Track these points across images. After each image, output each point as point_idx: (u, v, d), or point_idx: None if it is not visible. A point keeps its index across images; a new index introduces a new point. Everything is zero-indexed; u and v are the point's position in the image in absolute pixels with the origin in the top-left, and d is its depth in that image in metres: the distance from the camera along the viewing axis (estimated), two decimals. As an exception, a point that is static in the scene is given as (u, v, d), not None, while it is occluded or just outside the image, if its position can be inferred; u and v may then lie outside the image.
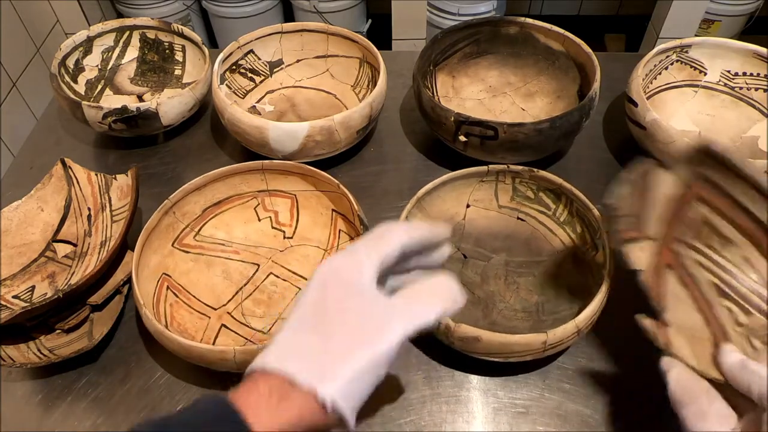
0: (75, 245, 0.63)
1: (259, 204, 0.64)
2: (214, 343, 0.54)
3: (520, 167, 0.59)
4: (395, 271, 0.40)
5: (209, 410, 0.31)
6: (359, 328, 0.33)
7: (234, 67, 0.77)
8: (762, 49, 0.70)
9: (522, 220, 0.62)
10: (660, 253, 0.46)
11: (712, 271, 0.45)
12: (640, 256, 0.46)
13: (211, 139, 0.78)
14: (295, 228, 0.64)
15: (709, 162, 0.45)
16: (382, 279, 0.38)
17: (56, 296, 0.50)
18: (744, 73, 0.72)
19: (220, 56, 0.73)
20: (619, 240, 0.46)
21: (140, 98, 0.81)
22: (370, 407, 0.52)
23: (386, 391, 0.53)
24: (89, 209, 0.63)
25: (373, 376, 0.33)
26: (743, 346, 0.41)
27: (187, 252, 0.60)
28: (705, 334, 0.43)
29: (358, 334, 0.33)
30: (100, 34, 0.81)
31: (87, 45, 0.80)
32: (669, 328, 0.43)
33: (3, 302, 0.57)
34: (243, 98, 0.78)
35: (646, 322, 0.43)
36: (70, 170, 0.64)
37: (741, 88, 0.72)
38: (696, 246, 0.45)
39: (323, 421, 0.32)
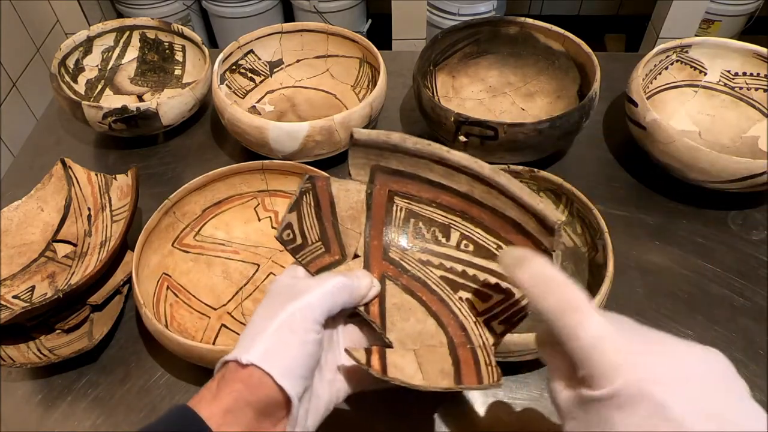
0: (75, 245, 0.63)
1: (259, 204, 0.64)
2: (214, 343, 0.54)
3: (520, 167, 0.59)
4: None
5: (170, 415, 0.33)
6: (281, 302, 0.36)
7: (234, 67, 0.77)
8: (762, 49, 0.70)
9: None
10: (371, 267, 0.42)
11: (441, 266, 0.41)
12: None
13: (211, 139, 0.78)
14: (295, 228, 0.64)
15: (373, 151, 0.41)
16: None
17: (56, 296, 0.50)
18: (744, 73, 0.72)
19: (220, 56, 0.73)
20: (311, 273, 0.40)
21: (140, 98, 0.81)
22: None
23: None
24: (89, 209, 0.63)
25: (292, 335, 0.34)
26: (483, 337, 0.38)
27: (187, 252, 0.60)
28: (437, 339, 0.39)
29: (278, 305, 0.36)
30: (100, 34, 0.81)
31: (87, 45, 0.80)
32: (391, 350, 0.38)
33: (3, 302, 0.57)
34: (243, 98, 0.78)
35: (357, 355, 0.36)
36: (70, 170, 0.64)
37: (741, 88, 0.72)
38: (414, 244, 0.42)
39: (264, 395, 0.33)
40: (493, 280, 0.40)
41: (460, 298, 0.41)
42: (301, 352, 0.34)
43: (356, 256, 0.42)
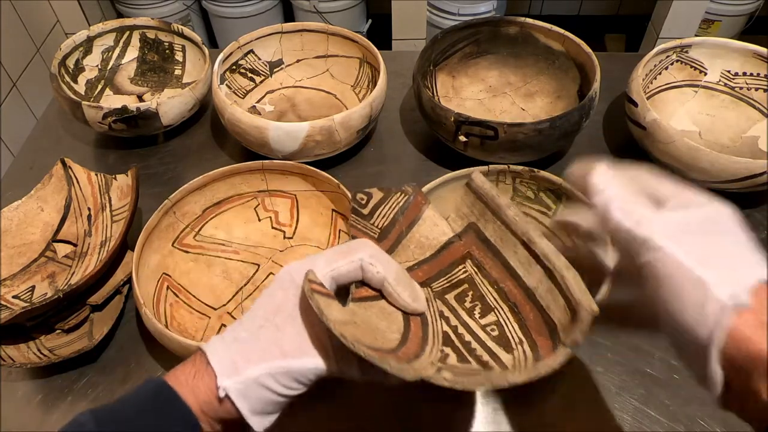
0: (75, 245, 0.63)
1: (259, 204, 0.64)
2: (214, 343, 0.54)
3: (520, 167, 0.59)
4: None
5: (149, 389, 0.34)
6: (285, 338, 0.35)
7: (234, 67, 0.77)
8: (762, 49, 0.70)
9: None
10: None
11: (454, 327, 0.40)
12: None
13: (211, 139, 0.78)
14: (295, 228, 0.64)
15: (480, 206, 0.42)
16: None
17: (56, 296, 0.50)
18: (744, 73, 0.72)
19: (220, 56, 0.73)
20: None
21: (140, 98, 0.81)
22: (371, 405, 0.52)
23: (386, 391, 0.53)
24: (89, 209, 0.63)
25: (274, 384, 0.34)
26: (436, 376, 0.34)
27: (187, 252, 0.60)
28: (390, 338, 0.36)
29: (281, 343, 0.34)
30: (100, 34, 0.81)
31: (87, 45, 0.80)
32: (337, 303, 0.35)
33: (3, 302, 0.57)
34: (243, 98, 0.78)
35: (310, 275, 0.35)
36: (70, 170, 0.64)
37: (741, 88, 0.72)
38: (449, 301, 0.41)
39: (233, 417, 0.34)
40: (486, 358, 0.39)
41: (442, 350, 0.39)
42: (278, 399, 0.34)
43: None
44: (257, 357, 0.34)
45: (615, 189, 0.34)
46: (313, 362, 0.34)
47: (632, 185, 0.35)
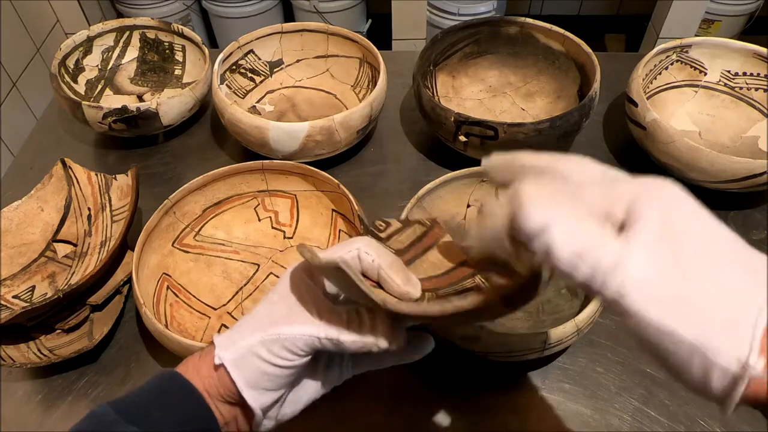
0: (75, 245, 0.63)
1: (259, 204, 0.64)
2: (214, 343, 0.54)
3: (520, 167, 0.59)
4: None
5: (158, 380, 0.36)
6: (277, 311, 0.36)
7: (234, 67, 0.77)
8: (762, 49, 0.70)
9: (522, 220, 0.62)
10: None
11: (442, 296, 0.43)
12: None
13: (211, 139, 0.78)
14: (295, 228, 0.64)
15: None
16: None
17: (56, 296, 0.50)
18: (744, 73, 0.72)
19: (220, 56, 0.73)
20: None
21: (140, 98, 0.81)
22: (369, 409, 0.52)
23: (385, 392, 0.53)
24: (89, 209, 0.63)
25: (270, 356, 0.35)
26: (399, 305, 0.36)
27: (187, 252, 0.60)
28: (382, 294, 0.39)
29: (273, 315, 0.36)
30: (100, 34, 0.81)
31: (87, 45, 0.80)
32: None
33: (3, 302, 0.57)
34: (243, 98, 0.78)
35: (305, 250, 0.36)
36: (70, 170, 0.64)
37: (741, 88, 0.72)
38: (447, 297, 0.43)
39: (233, 393, 0.35)
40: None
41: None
42: (272, 371, 0.35)
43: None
44: (251, 329, 0.36)
45: (559, 227, 0.26)
46: (302, 329, 0.35)
47: (578, 205, 0.28)
